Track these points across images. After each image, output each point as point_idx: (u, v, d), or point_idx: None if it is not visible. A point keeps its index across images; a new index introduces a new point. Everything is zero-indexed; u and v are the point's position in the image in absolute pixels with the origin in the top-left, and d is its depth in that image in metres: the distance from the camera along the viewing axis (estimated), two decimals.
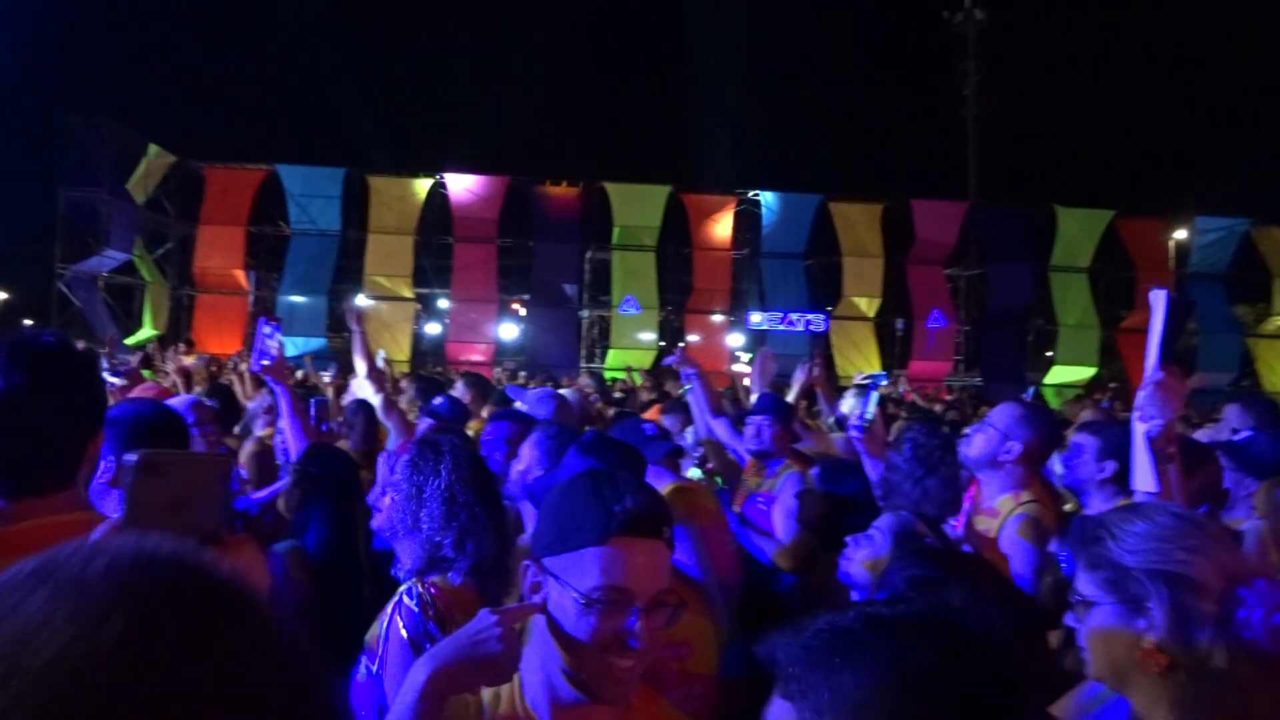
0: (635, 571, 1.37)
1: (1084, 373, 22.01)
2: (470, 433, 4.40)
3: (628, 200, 21.84)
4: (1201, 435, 4.74)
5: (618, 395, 10.42)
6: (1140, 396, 1.98)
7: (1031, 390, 18.49)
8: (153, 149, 20.71)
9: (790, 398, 4.90)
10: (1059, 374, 22.07)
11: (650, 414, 6.04)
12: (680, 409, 6.02)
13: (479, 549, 2.09)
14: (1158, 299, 1.97)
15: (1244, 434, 3.97)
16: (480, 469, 2.25)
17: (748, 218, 22.99)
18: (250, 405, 5.60)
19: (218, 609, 0.53)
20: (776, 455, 4.06)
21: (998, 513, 3.16)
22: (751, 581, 3.46)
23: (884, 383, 4.19)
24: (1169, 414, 1.92)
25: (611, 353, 21.86)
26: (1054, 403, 16.97)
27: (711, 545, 2.81)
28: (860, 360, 21.38)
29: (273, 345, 3.41)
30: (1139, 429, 1.97)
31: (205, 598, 0.53)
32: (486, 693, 1.47)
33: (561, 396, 4.81)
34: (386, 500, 2.20)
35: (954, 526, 2.60)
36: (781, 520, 3.78)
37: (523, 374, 15.92)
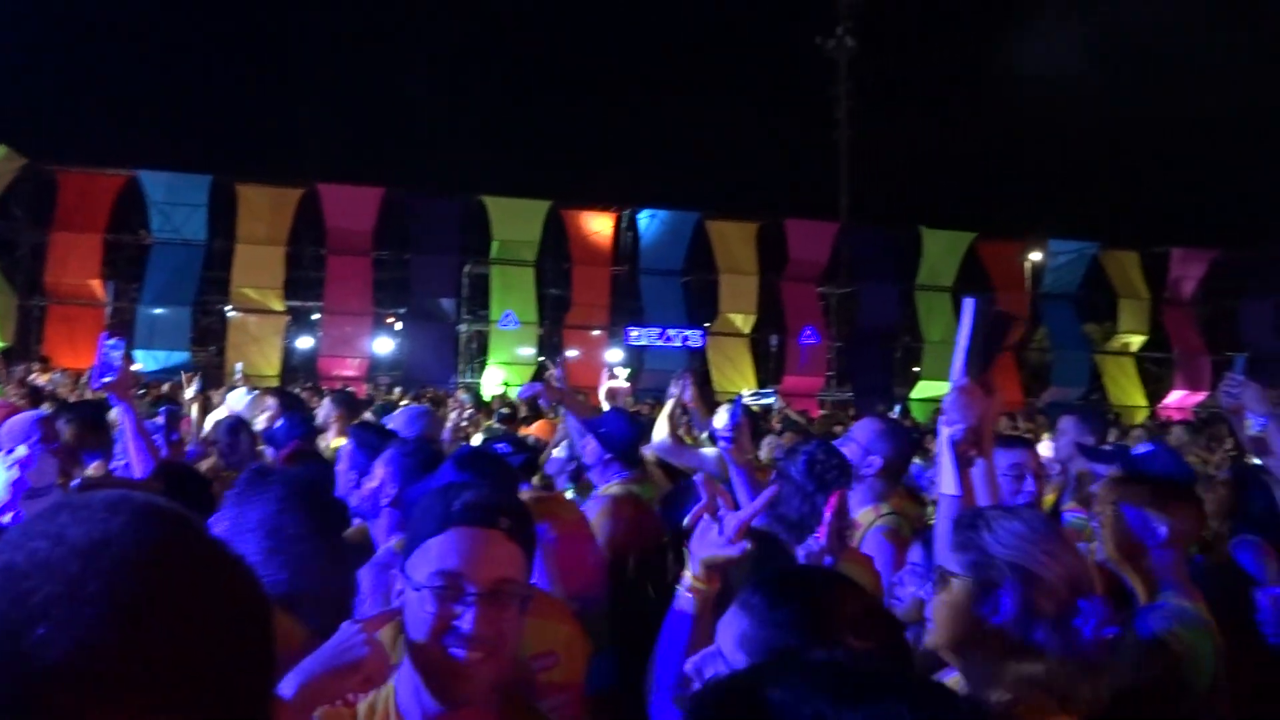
0: (467, 558, 1.41)
1: (948, 387, 22.91)
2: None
3: (507, 214, 21.75)
4: (1042, 446, 5.01)
5: (503, 411, 10.37)
6: (945, 401, 2.11)
7: (899, 406, 19.18)
8: (0, 150, 19.55)
9: (663, 414, 4.96)
10: (925, 389, 22.94)
11: (536, 429, 6.04)
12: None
13: (298, 582, 1.99)
14: (966, 308, 2.09)
15: (1144, 448, 4.21)
16: (314, 499, 2.17)
17: (627, 234, 23.18)
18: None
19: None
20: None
21: (859, 525, 3.28)
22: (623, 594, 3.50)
23: (770, 399, 4.30)
24: (971, 419, 2.05)
25: (489, 368, 21.69)
26: (921, 417, 17.65)
27: (567, 556, 2.82)
28: (736, 376, 21.79)
29: (115, 359, 3.27)
30: (944, 433, 2.10)
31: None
32: (362, 705, 1.49)
33: (432, 413, 4.77)
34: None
35: (816, 538, 2.68)
36: None
37: (397, 389, 15.67)
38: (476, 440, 6.21)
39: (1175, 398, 23.12)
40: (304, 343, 23.76)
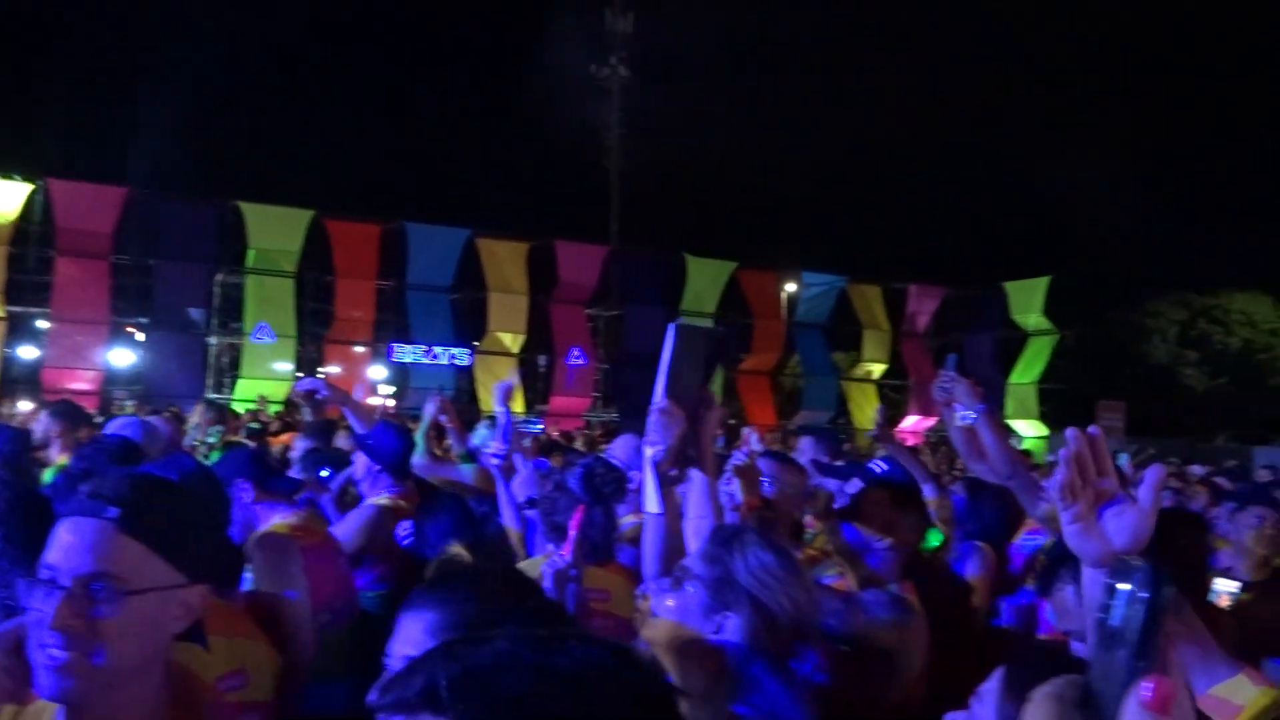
0: (60, 548, 1.33)
1: None
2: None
3: (265, 222, 20.67)
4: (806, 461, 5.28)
5: (253, 426, 9.91)
6: (648, 423, 2.20)
7: None
8: None
9: (420, 431, 4.85)
10: None
11: (281, 440, 5.77)
12: (318, 433, 5.80)
13: None
14: (667, 333, 2.18)
15: (880, 463, 4.49)
16: (19, 513, 1.96)
17: (394, 248, 22.59)
18: None
19: None
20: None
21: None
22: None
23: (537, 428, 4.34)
24: (670, 439, 2.14)
25: (241, 382, 20.48)
26: None
27: (314, 570, 2.73)
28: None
29: None
30: (646, 453, 2.18)
31: None
32: (7, 710, 1.41)
33: (150, 424, 4.50)
34: None
35: (561, 554, 2.69)
36: None
37: (130, 404, 14.53)
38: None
39: (911, 422, 25.02)
40: (27, 352, 21.57)
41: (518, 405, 21.09)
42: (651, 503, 2.12)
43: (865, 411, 25.39)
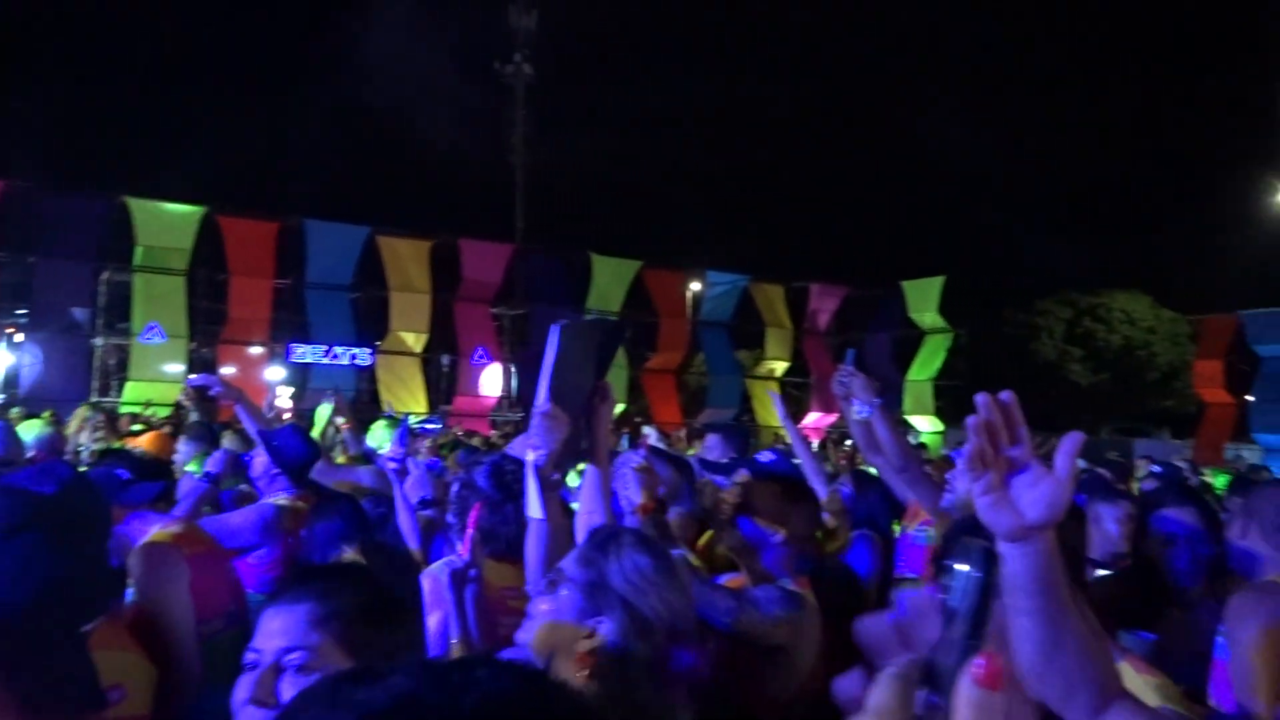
0: None
1: (615, 409, 23.83)
2: None
3: (154, 218, 19.90)
4: (694, 457, 5.33)
5: (135, 429, 9.56)
6: (530, 426, 2.18)
7: None
8: None
9: (316, 431, 4.76)
10: None
11: (145, 442, 5.57)
12: (201, 436, 5.64)
13: None
14: (551, 333, 2.15)
15: (767, 456, 4.56)
16: None
17: (292, 245, 22.01)
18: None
19: None
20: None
21: None
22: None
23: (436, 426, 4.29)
24: (553, 443, 2.12)
25: (130, 385, 19.69)
26: None
27: (200, 579, 2.66)
28: (406, 395, 21.32)
29: None
30: (528, 457, 2.16)
31: None
32: None
33: (11, 431, 4.33)
34: None
35: (459, 554, 2.66)
36: None
37: (15, 409, 13.86)
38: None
39: (813, 419, 25.47)
40: None
41: (419, 405, 20.78)
42: (534, 507, 2.10)
43: (768, 408, 25.75)
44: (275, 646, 1.43)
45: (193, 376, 7.17)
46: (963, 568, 0.74)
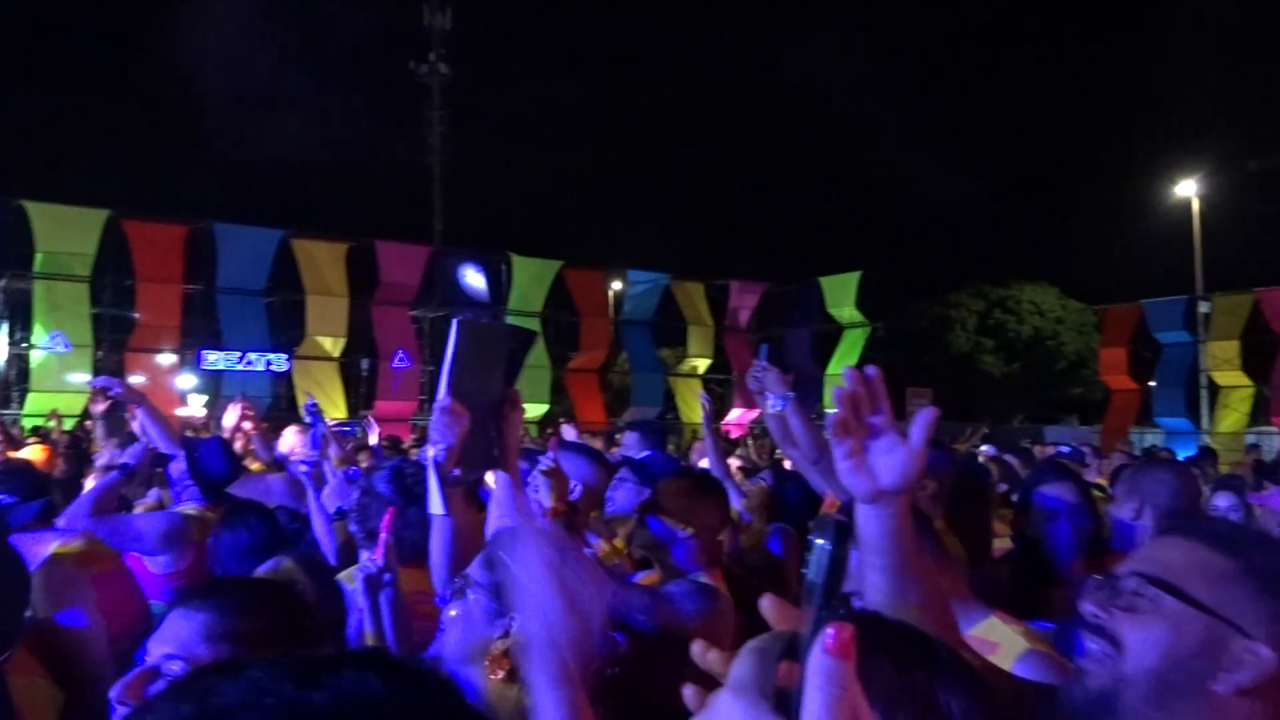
0: None
1: (538, 409, 23.73)
2: None
3: (55, 223, 19.19)
4: (613, 455, 5.36)
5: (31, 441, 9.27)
6: (430, 422, 2.17)
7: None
8: None
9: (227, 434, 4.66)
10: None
11: (31, 454, 5.40)
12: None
13: None
14: (451, 328, 2.15)
15: (644, 454, 4.63)
16: None
17: (203, 249, 21.44)
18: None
19: None
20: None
21: None
22: None
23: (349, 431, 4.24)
24: (452, 439, 2.13)
25: (32, 396, 18.97)
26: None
27: (106, 598, 2.59)
28: (325, 400, 20.86)
29: None
30: (428, 454, 2.16)
31: None
32: None
33: None
34: None
35: (373, 557, 2.63)
36: None
37: None
38: None
39: (735, 415, 25.73)
40: None
41: (338, 410, 20.44)
42: (434, 504, 2.09)
43: (692, 406, 25.92)
44: (161, 651, 1.41)
45: (94, 378, 6.96)
46: (821, 541, 0.77)
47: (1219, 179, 29.61)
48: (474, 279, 24.00)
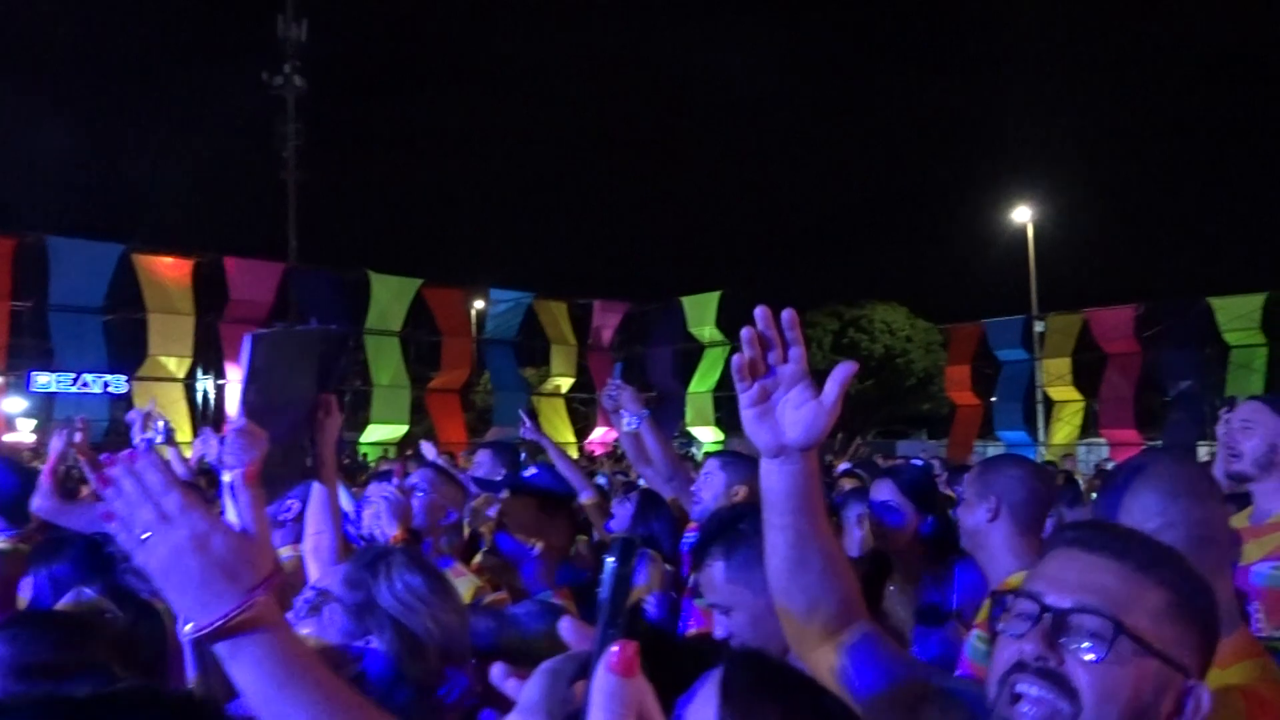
0: None
1: (397, 430, 23.21)
2: None
3: None
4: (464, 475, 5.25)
5: None
6: (226, 443, 2.06)
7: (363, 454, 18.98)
8: None
9: (46, 468, 4.35)
10: (374, 432, 23.00)
11: None
12: None
13: None
14: (244, 345, 2.05)
15: (531, 470, 4.53)
16: None
17: (33, 264, 20.12)
18: None
19: None
20: None
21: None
22: None
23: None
24: (248, 460, 2.04)
25: None
26: (372, 458, 17.64)
27: None
28: (172, 423, 19.92)
29: None
30: (225, 479, 2.06)
31: None
32: None
33: None
34: None
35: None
36: None
37: None
38: None
39: (599, 434, 25.76)
40: None
41: (183, 434, 19.47)
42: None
43: (555, 425, 25.82)
44: None
45: None
46: (609, 560, 0.76)
47: (1052, 205, 31.56)
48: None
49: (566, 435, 25.82)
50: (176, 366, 21.15)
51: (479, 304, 26.87)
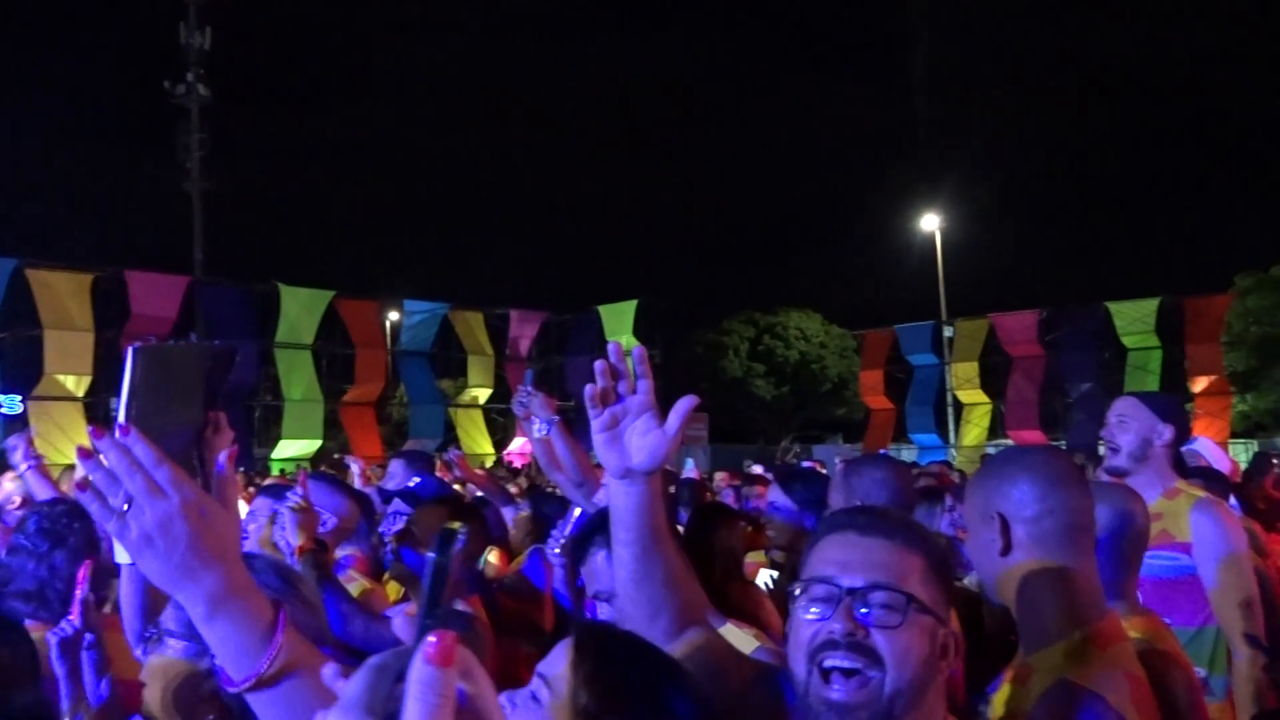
0: None
1: (310, 445, 22.74)
2: None
3: None
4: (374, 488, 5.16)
5: None
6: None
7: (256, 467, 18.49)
8: None
9: None
10: (286, 447, 22.48)
11: None
12: None
13: None
14: (126, 357, 1.99)
15: (417, 480, 4.47)
16: None
17: None
18: None
19: None
20: None
21: None
22: None
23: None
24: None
25: None
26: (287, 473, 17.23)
27: None
28: (67, 445, 19.15)
29: None
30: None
31: None
32: None
33: None
34: None
35: (70, 619, 2.41)
36: None
37: None
38: None
39: (517, 445, 25.61)
40: None
41: (66, 455, 18.77)
42: (120, 553, 1.94)
43: (473, 437, 25.60)
44: None
45: None
46: (429, 553, 0.77)
47: (960, 213, 32.45)
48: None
49: (485, 446, 25.60)
50: (75, 385, 20.38)
51: (393, 315, 26.52)
